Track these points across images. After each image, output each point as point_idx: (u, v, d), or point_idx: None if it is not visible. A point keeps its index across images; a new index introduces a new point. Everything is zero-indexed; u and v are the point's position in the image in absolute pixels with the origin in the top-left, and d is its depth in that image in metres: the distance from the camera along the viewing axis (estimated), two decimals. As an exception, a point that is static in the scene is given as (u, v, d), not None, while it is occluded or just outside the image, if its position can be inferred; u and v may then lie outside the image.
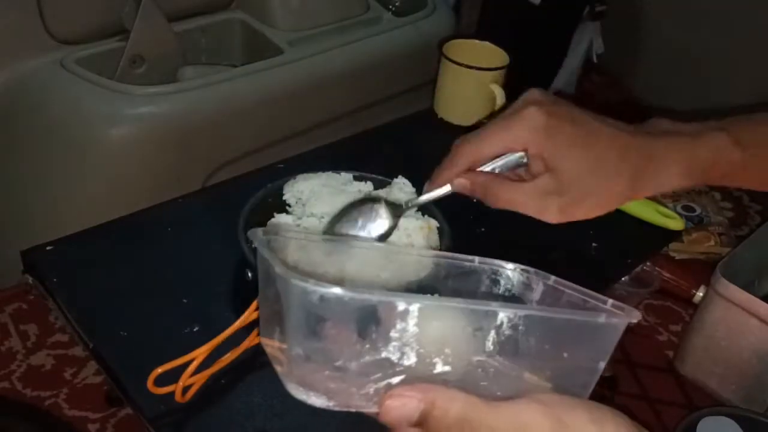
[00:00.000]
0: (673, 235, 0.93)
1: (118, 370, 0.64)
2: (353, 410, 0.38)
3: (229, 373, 0.63)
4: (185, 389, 0.59)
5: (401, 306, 0.35)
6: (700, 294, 1.16)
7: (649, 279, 1.28)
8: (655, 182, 0.56)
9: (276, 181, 0.78)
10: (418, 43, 1.38)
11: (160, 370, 0.58)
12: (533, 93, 0.59)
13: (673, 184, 0.56)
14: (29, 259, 0.74)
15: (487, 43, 1.08)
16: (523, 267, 0.49)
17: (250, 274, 0.68)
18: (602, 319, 0.38)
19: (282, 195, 0.77)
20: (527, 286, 0.48)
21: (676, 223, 0.92)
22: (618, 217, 0.92)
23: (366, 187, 0.78)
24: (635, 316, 0.39)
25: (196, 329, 0.68)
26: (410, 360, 0.36)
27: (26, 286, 0.74)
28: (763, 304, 1.04)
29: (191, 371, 0.59)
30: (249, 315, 0.64)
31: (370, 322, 0.36)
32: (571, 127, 0.56)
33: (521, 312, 0.37)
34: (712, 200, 1.52)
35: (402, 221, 0.72)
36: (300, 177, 0.78)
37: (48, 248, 0.75)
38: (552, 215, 0.57)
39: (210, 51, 1.31)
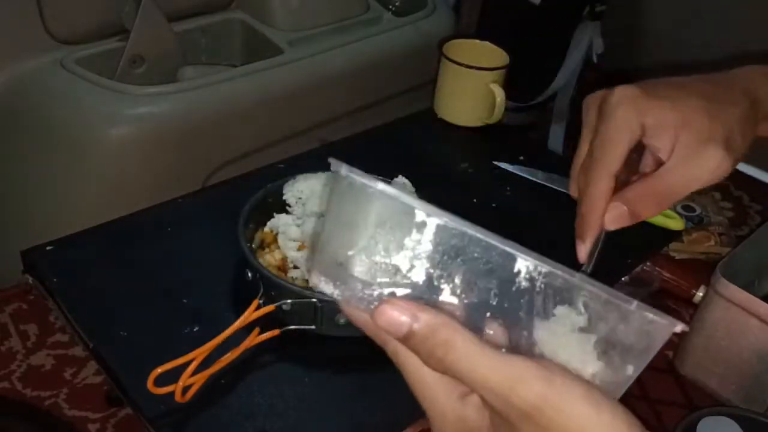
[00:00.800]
0: (673, 235, 0.93)
1: (118, 370, 0.64)
2: (353, 308, 0.37)
3: (229, 373, 0.63)
4: (185, 389, 0.59)
5: (420, 216, 0.35)
6: (700, 294, 1.15)
7: (649, 279, 1.28)
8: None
9: (276, 181, 0.78)
10: (418, 43, 1.38)
11: (159, 370, 0.58)
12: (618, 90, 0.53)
13: None
14: (29, 259, 0.74)
15: (487, 43, 1.08)
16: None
17: (250, 274, 0.68)
18: (633, 306, 0.35)
19: (282, 195, 0.77)
20: None
21: (676, 223, 0.92)
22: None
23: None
24: (677, 326, 0.36)
25: (196, 329, 0.68)
26: (418, 276, 0.36)
27: (26, 286, 0.74)
28: (764, 304, 1.04)
29: (191, 371, 0.59)
30: (249, 315, 0.64)
31: (391, 224, 0.36)
32: (667, 85, 0.52)
33: (544, 268, 0.35)
34: (712, 200, 1.52)
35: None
36: (300, 177, 0.78)
37: (48, 248, 0.75)
38: (717, 168, 0.50)
39: (210, 51, 1.31)
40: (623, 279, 1.06)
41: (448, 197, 0.78)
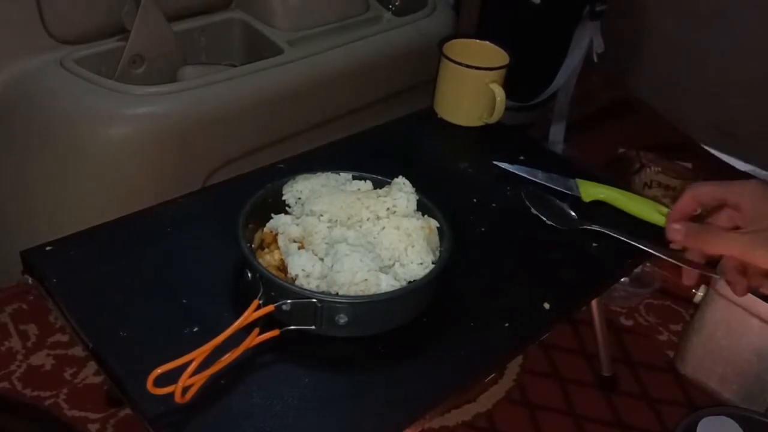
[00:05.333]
0: (674, 235, 0.92)
1: (118, 370, 0.64)
2: None
3: (229, 374, 0.63)
4: (185, 390, 0.59)
5: None
6: (700, 294, 1.15)
7: (650, 279, 1.28)
8: None
9: (276, 181, 0.78)
10: (418, 42, 1.38)
11: (159, 370, 0.58)
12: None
13: None
14: (29, 259, 0.74)
15: (487, 43, 1.08)
16: None
17: (249, 275, 0.68)
18: None
19: (281, 195, 0.77)
20: None
21: (676, 223, 0.91)
22: (618, 216, 0.92)
23: (366, 186, 0.78)
24: None
25: (195, 329, 0.68)
26: None
27: (26, 286, 0.74)
28: (764, 303, 1.04)
29: (191, 372, 0.59)
30: (249, 315, 0.64)
31: None
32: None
33: None
34: (712, 200, 1.52)
35: (402, 221, 0.73)
36: (299, 177, 0.78)
37: (48, 248, 0.75)
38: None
39: (210, 50, 1.31)
40: (624, 279, 1.06)
41: (448, 197, 0.78)
